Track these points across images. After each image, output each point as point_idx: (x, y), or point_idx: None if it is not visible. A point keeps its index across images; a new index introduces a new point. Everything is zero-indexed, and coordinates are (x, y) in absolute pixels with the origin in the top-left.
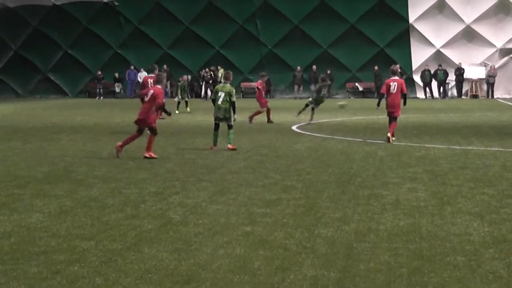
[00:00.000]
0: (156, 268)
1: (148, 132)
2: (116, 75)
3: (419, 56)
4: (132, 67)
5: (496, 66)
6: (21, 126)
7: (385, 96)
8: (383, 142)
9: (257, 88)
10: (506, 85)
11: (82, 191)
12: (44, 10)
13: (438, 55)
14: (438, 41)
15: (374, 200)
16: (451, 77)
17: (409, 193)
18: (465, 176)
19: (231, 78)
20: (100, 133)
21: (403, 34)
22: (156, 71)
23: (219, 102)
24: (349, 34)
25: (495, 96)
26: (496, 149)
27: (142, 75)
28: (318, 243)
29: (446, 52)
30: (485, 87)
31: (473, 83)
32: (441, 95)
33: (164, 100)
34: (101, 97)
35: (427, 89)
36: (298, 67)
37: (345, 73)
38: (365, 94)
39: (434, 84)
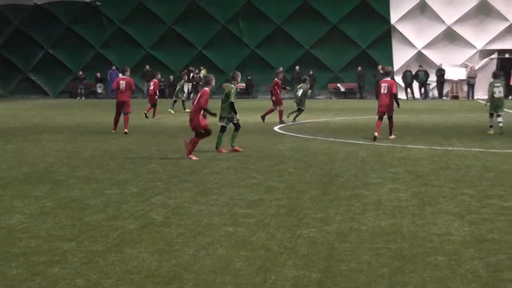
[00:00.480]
0: (138, 269)
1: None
2: (98, 75)
3: (400, 57)
4: (114, 67)
5: (476, 67)
6: (1, 126)
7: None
8: (365, 142)
9: (275, 87)
10: (486, 86)
11: (63, 192)
12: (26, 9)
13: (420, 56)
14: (420, 42)
15: (355, 201)
16: (432, 78)
17: (390, 194)
18: (446, 176)
19: (238, 79)
20: (82, 134)
21: (385, 35)
22: (128, 73)
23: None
24: (331, 35)
25: (475, 97)
26: (477, 149)
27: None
28: (300, 243)
29: (427, 53)
30: (465, 88)
31: (454, 84)
32: (422, 96)
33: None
34: (83, 97)
35: (409, 90)
36: (281, 68)
37: (327, 74)
38: (347, 94)
39: (415, 84)
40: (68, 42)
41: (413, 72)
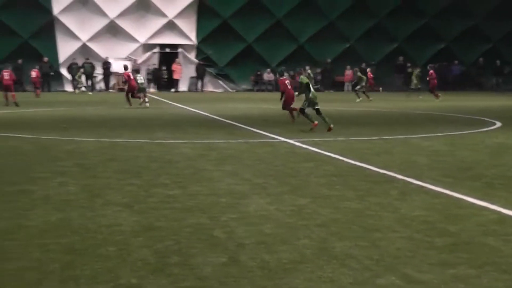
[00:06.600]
0: None
1: None
2: None
3: (65, 49)
4: None
5: (140, 61)
6: None
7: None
8: (29, 136)
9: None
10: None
11: None
12: None
13: (84, 49)
14: (84, 35)
15: (23, 196)
16: (99, 71)
17: (59, 188)
18: (114, 167)
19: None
20: None
21: (48, 26)
22: None
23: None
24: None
25: None
26: (143, 140)
27: None
28: None
29: (92, 45)
30: None
31: (120, 76)
32: (89, 88)
33: None
34: None
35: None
36: None
37: None
38: None
39: (83, 77)
40: None
41: (80, 64)
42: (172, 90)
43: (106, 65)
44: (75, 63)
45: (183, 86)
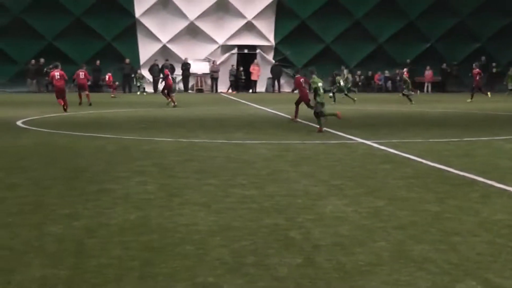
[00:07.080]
0: None
1: None
2: None
3: (146, 50)
4: None
5: (218, 62)
6: None
7: None
8: (112, 136)
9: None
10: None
11: None
12: None
13: (165, 50)
14: (164, 36)
15: (104, 195)
16: (178, 72)
17: (138, 187)
18: (192, 167)
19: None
20: None
21: (130, 29)
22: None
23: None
24: (74, 27)
25: (219, 90)
26: (220, 141)
27: None
28: (47, 241)
29: (172, 47)
30: (209, 81)
31: (199, 77)
32: None
33: None
34: None
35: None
36: None
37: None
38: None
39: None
40: None
41: (160, 66)
42: (250, 91)
43: (185, 66)
44: (156, 64)
45: (260, 87)
